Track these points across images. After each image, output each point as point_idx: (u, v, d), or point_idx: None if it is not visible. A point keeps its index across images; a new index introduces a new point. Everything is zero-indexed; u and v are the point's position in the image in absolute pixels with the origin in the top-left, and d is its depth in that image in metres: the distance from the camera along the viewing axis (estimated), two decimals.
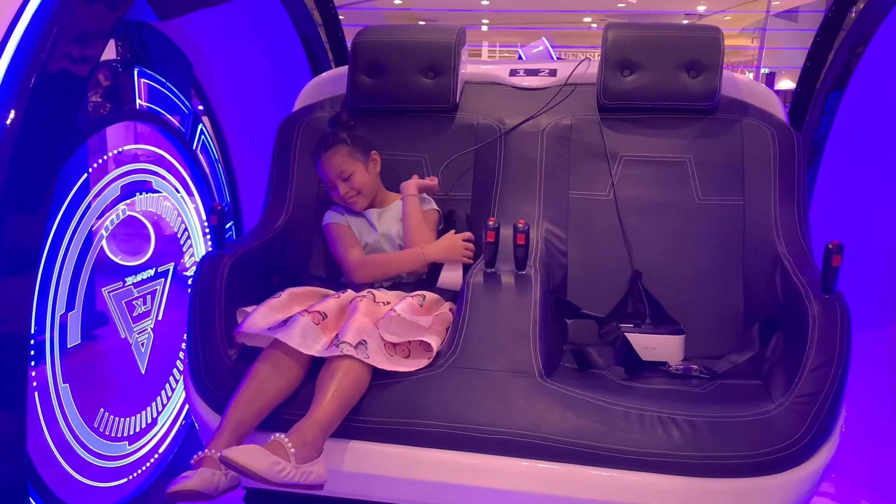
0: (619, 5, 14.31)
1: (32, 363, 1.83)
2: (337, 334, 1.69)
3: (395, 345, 1.74)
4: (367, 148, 2.13)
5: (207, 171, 2.64)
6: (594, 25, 16.15)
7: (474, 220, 2.18)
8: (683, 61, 2.16)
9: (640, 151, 2.17)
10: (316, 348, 1.68)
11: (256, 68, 2.76)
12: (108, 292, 2.15)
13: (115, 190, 2.15)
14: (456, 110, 2.31)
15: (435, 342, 1.74)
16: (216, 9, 2.42)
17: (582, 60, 2.38)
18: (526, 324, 1.70)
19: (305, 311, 1.74)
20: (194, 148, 2.55)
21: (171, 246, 2.48)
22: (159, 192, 2.38)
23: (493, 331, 1.70)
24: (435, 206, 2.15)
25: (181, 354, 2.52)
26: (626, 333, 1.86)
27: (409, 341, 1.74)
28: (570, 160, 2.19)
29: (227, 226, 2.84)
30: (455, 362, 1.68)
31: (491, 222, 1.77)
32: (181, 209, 2.51)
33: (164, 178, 2.40)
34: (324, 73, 2.53)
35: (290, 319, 1.72)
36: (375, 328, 1.73)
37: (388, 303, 1.85)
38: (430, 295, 1.91)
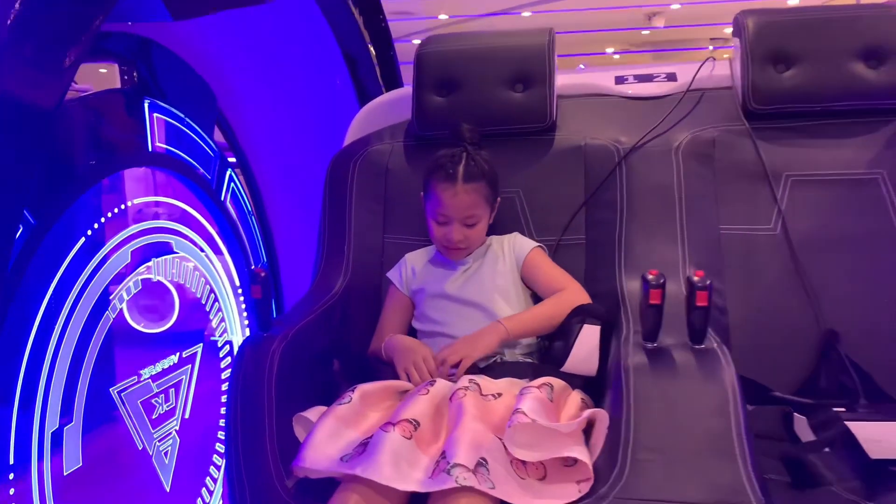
0: (643, 32, 13.88)
1: None
2: (444, 451, 1.16)
3: (524, 461, 1.20)
4: (497, 191, 1.65)
5: (239, 226, 2.15)
6: (616, 56, 15.75)
7: (590, 272, 1.65)
8: (857, 48, 1.64)
9: (812, 168, 1.63)
10: (416, 477, 1.14)
11: (293, 98, 2.28)
12: (119, 392, 1.63)
13: (124, 257, 1.65)
14: (554, 130, 1.79)
15: (586, 457, 1.19)
16: (244, 28, 1.95)
17: (706, 60, 1.87)
18: (725, 426, 1.15)
19: (390, 423, 1.21)
20: (223, 198, 2.06)
21: (195, 320, 1.97)
22: (186, 258, 1.88)
23: (678, 439, 1.15)
24: (532, 244, 1.66)
25: (216, 457, 1.99)
26: (846, 422, 1.30)
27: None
28: (718, 184, 1.65)
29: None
30: (625, 490, 1.12)
31: (651, 275, 1.24)
32: (208, 275, 2.01)
33: (187, 237, 1.90)
34: (379, 97, 2.03)
35: (370, 442, 1.19)
36: (497, 440, 1.19)
37: (499, 395, 1.32)
38: (556, 382, 1.37)
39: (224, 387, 2.06)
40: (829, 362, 1.48)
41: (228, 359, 2.09)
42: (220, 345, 2.05)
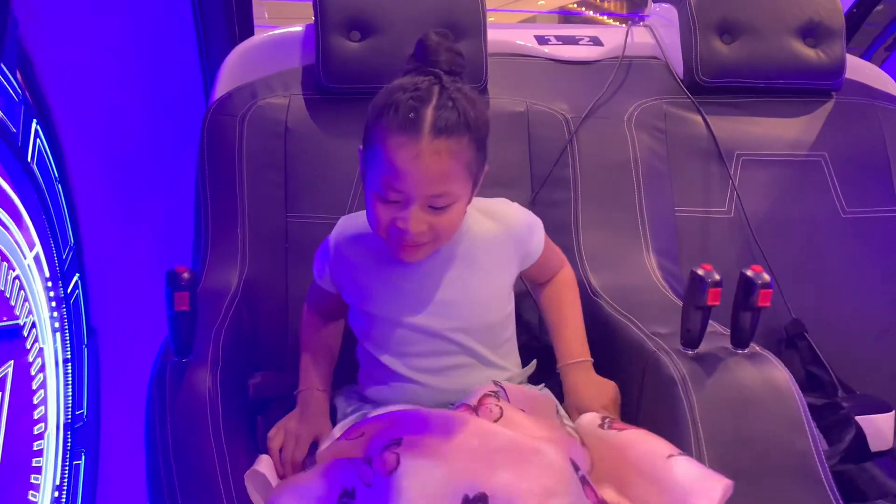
0: (539, 3, 13.11)
1: None
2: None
3: None
4: (486, 153, 1.07)
5: (48, 197, 1.59)
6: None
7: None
8: (797, 24, 1.58)
9: (761, 148, 1.55)
10: None
11: (115, 31, 1.74)
12: None
13: None
14: (485, 93, 1.53)
15: None
16: None
17: (628, 26, 1.72)
18: (805, 445, 0.99)
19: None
20: (29, 159, 1.50)
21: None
22: None
23: (757, 462, 0.98)
24: (542, 228, 1.18)
25: None
26: (857, 418, 1.23)
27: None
28: (671, 161, 1.52)
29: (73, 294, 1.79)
30: None
31: (705, 270, 1.05)
32: (14, 259, 1.45)
33: None
34: (260, 36, 1.60)
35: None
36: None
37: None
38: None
39: (37, 414, 1.52)
40: (799, 353, 1.41)
41: (40, 377, 1.55)
42: (31, 359, 1.51)
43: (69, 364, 1.70)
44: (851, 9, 2.00)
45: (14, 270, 1.43)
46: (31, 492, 1.48)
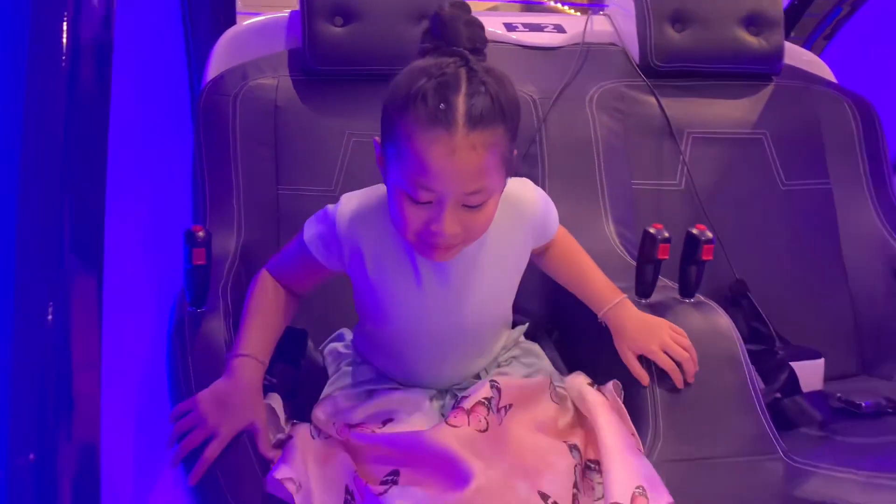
0: None
1: None
2: None
3: None
4: (517, 136, 0.98)
5: None
6: None
7: None
8: (741, 14, 1.74)
9: (709, 127, 1.71)
10: None
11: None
12: None
13: None
14: None
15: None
16: None
17: (589, 15, 1.86)
18: (741, 378, 1.15)
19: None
20: None
21: None
22: None
23: (700, 394, 1.13)
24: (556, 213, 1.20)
25: None
26: (790, 363, 1.40)
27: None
28: (628, 139, 1.66)
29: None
30: (665, 452, 1.08)
31: (656, 229, 1.20)
32: None
33: None
34: (250, 21, 1.71)
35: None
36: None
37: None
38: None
39: None
40: (742, 310, 1.57)
41: None
42: None
43: None
44: (793, 0, 2.17)
45: None
46: None
